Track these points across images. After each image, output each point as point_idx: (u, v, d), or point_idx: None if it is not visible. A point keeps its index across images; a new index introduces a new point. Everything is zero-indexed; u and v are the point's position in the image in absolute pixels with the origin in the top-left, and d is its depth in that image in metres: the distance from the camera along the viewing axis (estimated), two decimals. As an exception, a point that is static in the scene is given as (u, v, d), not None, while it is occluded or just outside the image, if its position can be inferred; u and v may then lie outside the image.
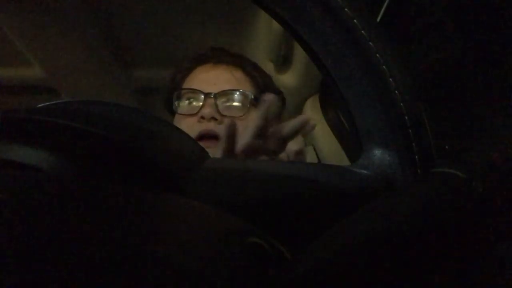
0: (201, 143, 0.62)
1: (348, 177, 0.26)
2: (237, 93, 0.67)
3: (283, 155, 0.46)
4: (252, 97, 0.68)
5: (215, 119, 0.64)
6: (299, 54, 1.00)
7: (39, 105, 0.27)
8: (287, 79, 1.08)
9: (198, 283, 0.12)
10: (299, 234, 0.21)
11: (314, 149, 1.08)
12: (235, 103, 0.67)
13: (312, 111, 1.08)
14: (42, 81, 1.15)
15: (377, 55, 0.26)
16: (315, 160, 1.04)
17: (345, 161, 0.95)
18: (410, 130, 0.25)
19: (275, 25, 0.95)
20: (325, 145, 1.04)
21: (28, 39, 1.02)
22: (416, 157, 0.25)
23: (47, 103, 0.28)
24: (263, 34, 1.02)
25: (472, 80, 0.56)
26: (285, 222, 0.22)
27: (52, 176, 0.19)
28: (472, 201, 0.17)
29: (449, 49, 0.60)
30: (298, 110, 1.11)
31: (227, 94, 0.67)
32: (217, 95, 0.65)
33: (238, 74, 0.70)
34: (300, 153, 0.47)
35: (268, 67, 1.03)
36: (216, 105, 0.65)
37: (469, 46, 0.56)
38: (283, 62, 1.07)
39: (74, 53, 1.07)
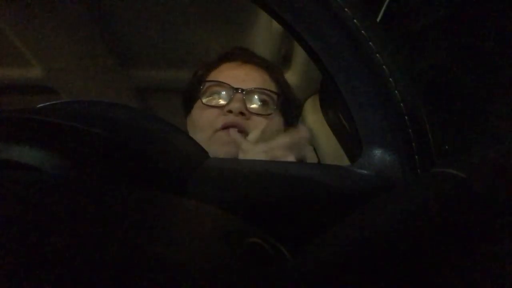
0: (225, 131, 0.64)
1: (348, 177, 0.26)
2: (266, 92, 0.69)
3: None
4: (278, 98, 0.70)
5: (243, 114, 0.65)
6: (299, 54, 1.00)
7: (39, 105, 0.27)
8: (287, 79, 1.08)
9: (198, 283, 0.12)
10: (299, 234, 0.21)
11: (314, 149, 1.08)
12: (263, 102, 0.69)
13: (312, 111, 1.08)
14: (42, 81, 1.15)
15: (377, 55, 0.26)
16: (315, 160, 1.04)
17: (345, 161, 0.95)
18: (410, 130, 0.25)
19: (275, 25, 0.95)
20: (325, 145, 1.04)
21: (28, 39, 1.02)
22: (416, 157, 0.25)
23: (47, 103, 0.28)
24: (263, 34, 1.02)
25: (472, 79, 0.56)
26: (285, 222, 0.22)
27: (52, 176, 0.19)
28: (471, 201, 0.17)
29: (450, 48, 0.60)
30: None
31: (256, 92, 0.68)
32: (246, 92, 0.67)
33: (265, 75, 0.73)
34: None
35: (268, 67, 1.03)
36: (245, 101, 0.66)
37: (470, 45, 0.56)
38: (283, 62, 1.07)
39: (74, 53, 1.08)
